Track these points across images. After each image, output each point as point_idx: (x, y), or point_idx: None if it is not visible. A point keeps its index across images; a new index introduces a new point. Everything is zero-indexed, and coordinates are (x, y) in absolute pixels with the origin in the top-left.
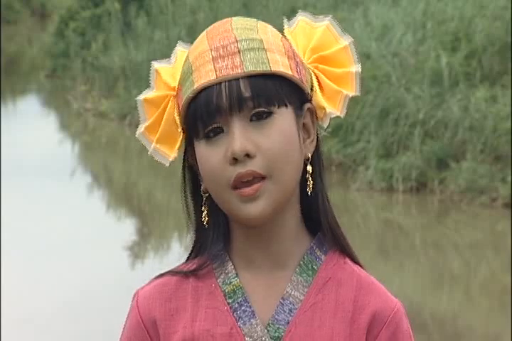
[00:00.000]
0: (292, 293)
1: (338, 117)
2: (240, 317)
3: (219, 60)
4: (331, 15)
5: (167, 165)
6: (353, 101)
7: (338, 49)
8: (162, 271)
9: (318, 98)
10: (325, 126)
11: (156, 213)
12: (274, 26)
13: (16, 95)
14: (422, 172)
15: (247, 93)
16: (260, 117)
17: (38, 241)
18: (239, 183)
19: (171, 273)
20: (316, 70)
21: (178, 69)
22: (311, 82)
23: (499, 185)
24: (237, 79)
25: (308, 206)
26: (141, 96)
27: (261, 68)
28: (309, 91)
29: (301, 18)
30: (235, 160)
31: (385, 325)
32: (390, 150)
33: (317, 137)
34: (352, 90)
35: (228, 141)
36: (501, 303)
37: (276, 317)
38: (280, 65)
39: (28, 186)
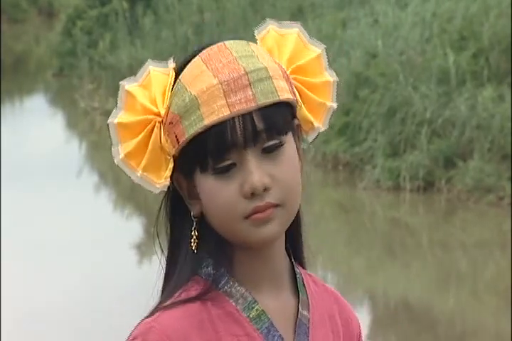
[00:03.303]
0: (304, 313)
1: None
2: None
3: (231, 95)
4: (299, 22)
5: (157, 192)
6: (360, 100)
7: (313, 58)
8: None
9: (303, 112)
10: (310, 140)
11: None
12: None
13: (23, 94)
14: (429, 171)
15: (260, 126)
16: (273, 149)
17: (44, 240)
18: (254, 213)
19: (184, 301)
20: (295, 82)
21: (154, 92)
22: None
23: (506, 183)
24: (250, 113)
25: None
26: (114, 120)
27: (271, 99)
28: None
29: (271, 27)
30: (253, 195)
31: (360, 332)
32: (397, 149)
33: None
34: (332, 101)
35: (243, 176)
36: (508, 302)
37: (298, 339)
38: (285, 92)
39: (35, 185)
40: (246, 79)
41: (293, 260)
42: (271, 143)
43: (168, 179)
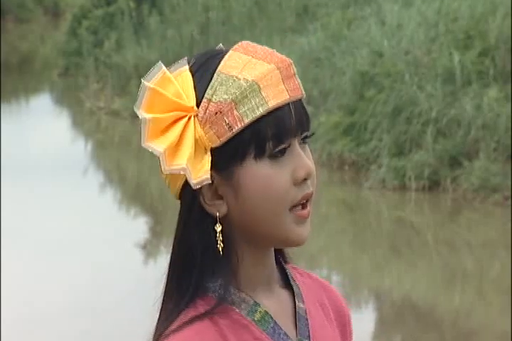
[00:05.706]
0: (300, 305)
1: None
2: None
3: (286, 81)
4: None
5: (195, 188)
6: (365, 100)
7: None
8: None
9: None
10: None
11: (169, 211)
12: (287, 25)
13: (28, 94)
14: (435, 170)
15: (305, 116)
16: (306, 141)
17: (50, 239)
18: (298, 204)
19: (192, 320)
20: None
21: (179, 88)
22: None
23: None
24: (299, 101)
25: None
26: (148, 115)
27: (303, 94)
28: None
29: None
30: (304, 181)
31: (349, 316)
32: (403, 149)
33: None
34: None
35: (294, 161)
36: None
37: (301, 332)
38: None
39: (40, 184)
40: (292, 70)
41: (279, 256)
42: (309, 133)
43: (209, 172)
